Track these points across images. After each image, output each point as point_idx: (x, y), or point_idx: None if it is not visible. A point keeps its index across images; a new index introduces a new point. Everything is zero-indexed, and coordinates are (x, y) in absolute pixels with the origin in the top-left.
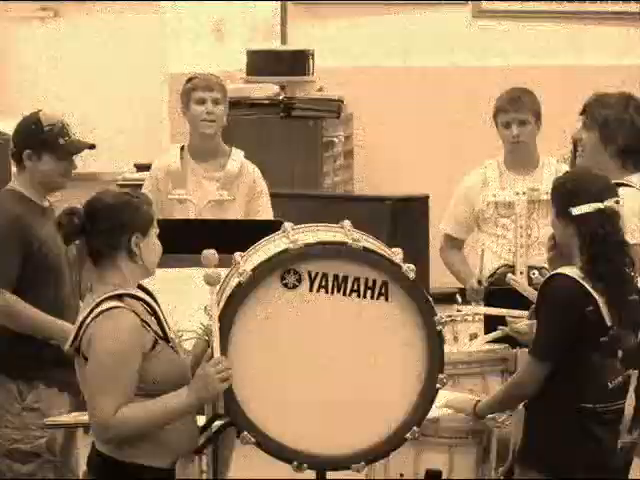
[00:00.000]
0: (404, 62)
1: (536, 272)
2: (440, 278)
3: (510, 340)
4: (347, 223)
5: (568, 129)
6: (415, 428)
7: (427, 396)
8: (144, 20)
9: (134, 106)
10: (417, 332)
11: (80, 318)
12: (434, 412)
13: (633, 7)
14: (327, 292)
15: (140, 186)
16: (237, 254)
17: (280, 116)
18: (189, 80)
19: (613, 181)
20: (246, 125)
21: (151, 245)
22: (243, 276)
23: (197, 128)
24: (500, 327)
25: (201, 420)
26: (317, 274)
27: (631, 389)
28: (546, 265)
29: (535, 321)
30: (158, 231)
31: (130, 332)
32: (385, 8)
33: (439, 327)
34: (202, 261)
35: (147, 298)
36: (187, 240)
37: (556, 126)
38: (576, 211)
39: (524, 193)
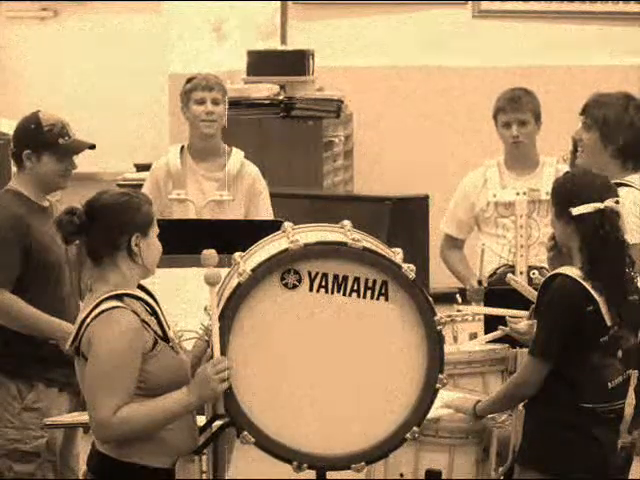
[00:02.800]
0: (404, 62)
1: (536, 272)
2: (440, 278)
3: (510, 340)
4: (347, 223)
5: (568, 129)
6: (415, 428)
7: (427, 396)
8: (144, 20)
9: (134, 106)
10: (417, 332)
11: (80, 318)
12: (434, 412)
13: (633, 7)
14: (327, 292)
15: (140, 186)
16: (237, 254)
17: (280, 116)
18: (189, 80)
19: (613, 181)
20: (246, 125)
21: (151, 245)
22: (243, 276)
23: (197, 128)
24: (500, 327)
25: (201, 420)
26: (317, 274)
27: (631, 389)
28: (546, 265)
29: (535, 321)
30: (158, 231)
31: (130, 332)
32: (385, 8)
33: (439, 327)
34: (202, 261)
35: (147, 298)
36: (187, 240)
37: (556, 126)
38: (576, 211)
39: (524, 193)
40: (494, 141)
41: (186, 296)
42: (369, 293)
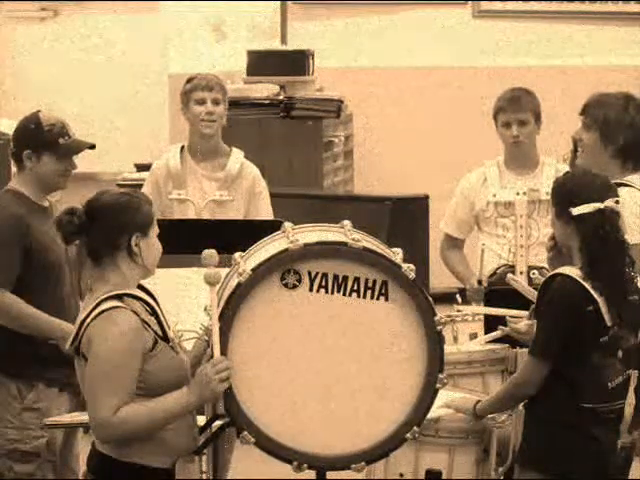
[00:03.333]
0: (404, 62)
1: (536, 272)
2: (440, 278)
3: (510, 340)
4: (347, 223)
5: (568, 129)
6: (415, 428)
7: (427, 396)
8: (144, 20)
9: (134, 106)
10: (417, 332)
11: (80, 318)
12: (434, 412)
13: (633, 7)
14: (327, 292)
15: (140, 186)
16: (237, 254)
17: (280, 116)
18: (189, 80)
19: (613, 181)
20: (246, 125)
21: (151, 245)
22: (243, 276)
23: (197, 128)
24: (500, 327)
25: (201, 420)
26: (317, 274)
27: (631, 389)
28: (546, 265)
29: (535, 321)
30: (158, 231)
31: (130, 332)
32: (385, 8)
33: (439, 327)
34: (202, 261)
35: (147, 298)
36: (187, 240)
37: (556, 126)
38: (576, 211)
39: (524, 193)
40: (494, 141)
41: (186, 296)
42: (369, 293)
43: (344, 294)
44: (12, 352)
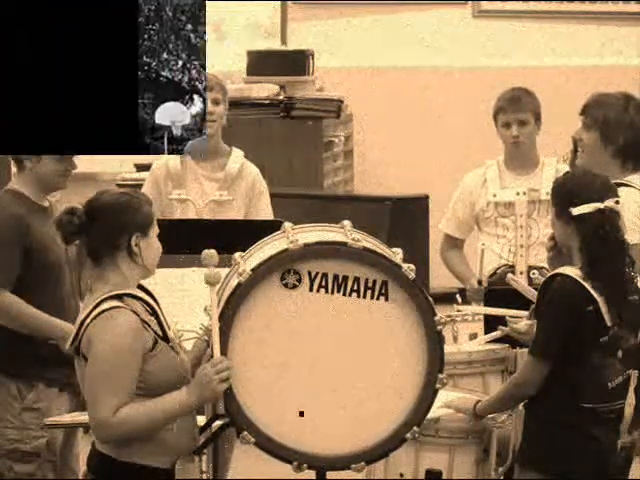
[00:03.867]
0: (404, 62)
1: (536, 272)
2: (440, 278)
3: (510, 340)
4: (347, 223)
5: (568, 129)
6: (415, 428)
7: (427, 396)
8: None
9: None
10: (417, 332)
11: (80, 318)
12: (434, 412)
13: (633, 7)
14: (327, 292)
15: (140, 186)
16: (237, 254)
17: (280, 116)
18: None
19: (613, 181)
20: (246, 125)
21: (151, 245)
22: (243, 276)
23: None
24: (500, 327)
25: (201, 420)
26: (317, 274)
27: (631, 389)
28: (546, 265)
29: (535, 321)
30: (158, 231)
31: (130, 332)
32: (385, 8)
33: (439, 327)
34: (202, 261)
35: (147, 298)
36: (187, 240)
37: (556, 126)
38: (576, 211)
39: (524, 193)
40: (494, 141)
41: (186, 296)
42: (369, 293)
43: (344, 294)
44: (12, 352)
